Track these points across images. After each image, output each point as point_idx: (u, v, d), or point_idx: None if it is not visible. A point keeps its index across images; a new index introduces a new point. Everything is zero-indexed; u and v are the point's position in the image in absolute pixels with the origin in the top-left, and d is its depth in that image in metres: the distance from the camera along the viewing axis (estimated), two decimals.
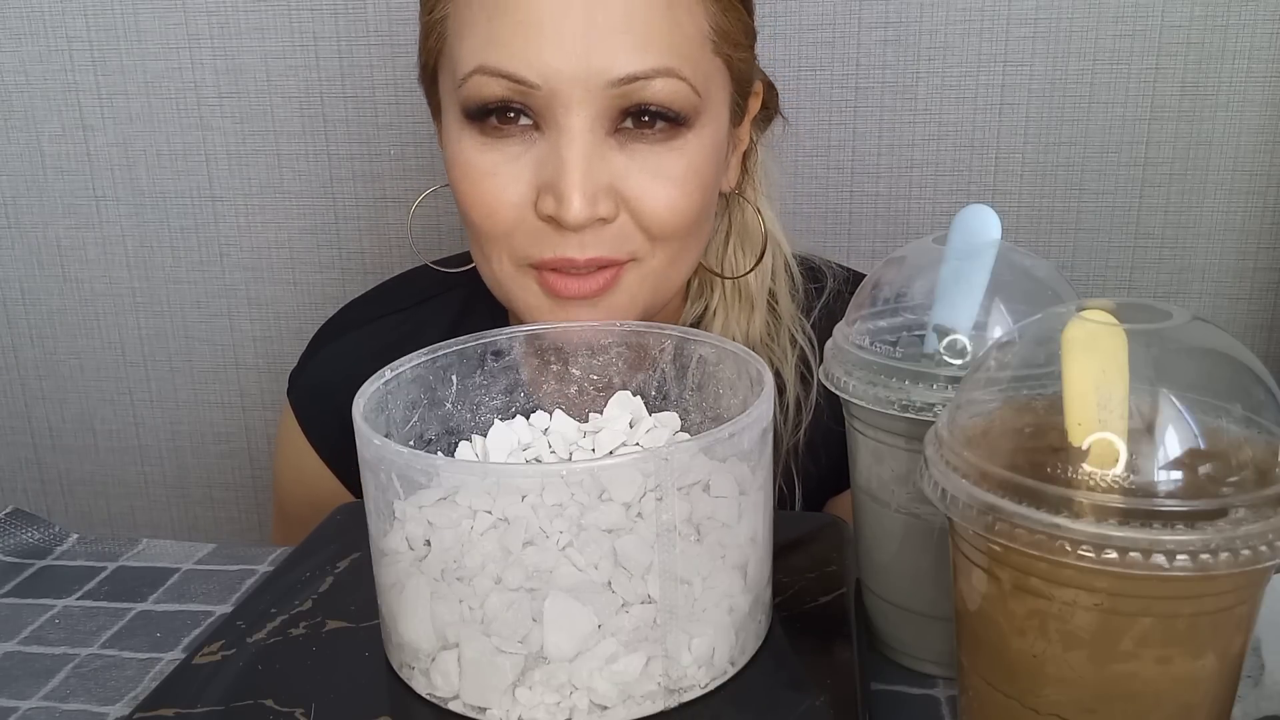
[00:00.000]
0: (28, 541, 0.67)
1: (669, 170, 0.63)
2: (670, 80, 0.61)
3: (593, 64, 0.60)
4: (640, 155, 0.63)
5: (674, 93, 0.62)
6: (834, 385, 0.49)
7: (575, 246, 0.62)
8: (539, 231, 0.63)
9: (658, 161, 0.63)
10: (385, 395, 0.50)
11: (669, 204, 0.63)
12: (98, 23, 1.16)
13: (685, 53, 0.62)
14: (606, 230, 0.63)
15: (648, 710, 0.43)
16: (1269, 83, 1.07)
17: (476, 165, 0.63)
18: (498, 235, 0.64)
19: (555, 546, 0.43)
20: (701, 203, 0.65)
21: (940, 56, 1.08)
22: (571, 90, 0.60)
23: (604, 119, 0.61)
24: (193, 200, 1.20)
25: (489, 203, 0.63)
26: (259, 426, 1.28)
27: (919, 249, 0.50)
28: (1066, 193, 1.11)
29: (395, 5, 1.12)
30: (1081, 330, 0.35)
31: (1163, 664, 0.35)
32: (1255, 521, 0.33)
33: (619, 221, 0.63)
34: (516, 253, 0.64)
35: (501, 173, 0.63)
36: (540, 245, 0.63)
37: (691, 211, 0.64)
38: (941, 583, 0.42)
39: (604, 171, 0.62)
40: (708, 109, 0.64)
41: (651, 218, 0.63)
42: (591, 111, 0.61)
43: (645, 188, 0.63)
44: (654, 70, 0.61)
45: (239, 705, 0.44)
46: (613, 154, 0.62)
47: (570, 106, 0.60)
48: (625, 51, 0.60)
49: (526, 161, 0.62)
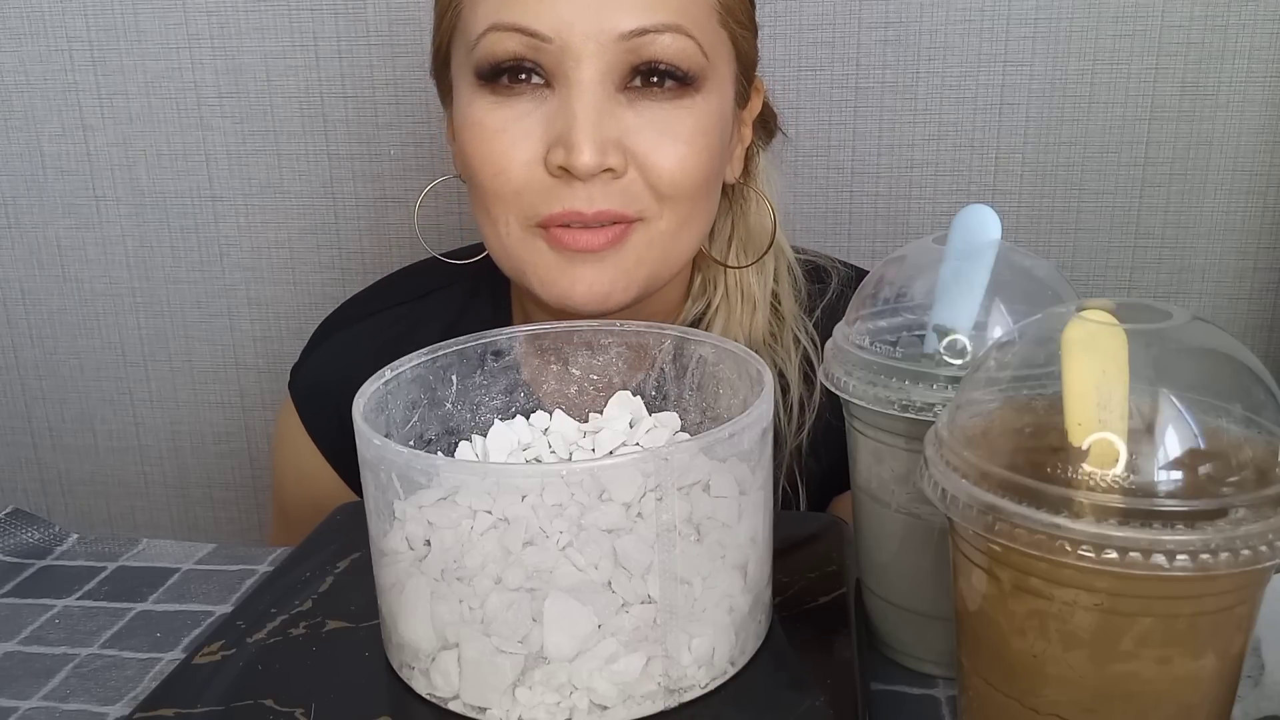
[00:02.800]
0: (28, 541, 0.67)
1: (677, 128, 0.64)
2: (679, 37, 0.63)
3: (603, 18, 0.61)
4: (649, 113, 0.64)
5: (682, 50, 0.63)
6: (834, 385, 0.49)
7: (584, 199, 0.63)
8: (548, 187, 0.63)
9: (666, 119, 0.64)
10: (385, 395, 0.50)
11: (678, 161, 0.64)
12: (98, 23, 1.16)
13: (692, 15, 0.64)
14: (615, 185, 0.63)
15: (648, 710, 0.43)
16: (1269, 83, 1.07)
17: (487, 124, 0.64)
18: (506, 195, 0.64)
19: (555, 546, 0.43)
20: (709, 165, 0.66)
21: (940, 56, 1.08)
22: (583, 44, 0.61)
23: (614, 74, 0.63)
24: (193, 200, 1.20)
25: (498, 160, 0.64)
26: (259, 426, 1.28)
27: (919, 249, 0.50)
28: (1066, 193, 1.11)
29: (395, 5, 1.12)
30: (1081, 330, 0.35)
31: (1163, 664, 0.35)
32: (1255, 521, 0.33)
33: (627, 178, 0.64)
34: (525, 213, 0.65)
35: (512, 129, 0.64)
36: (549, 200, 0.64)
37: (699, 171, 0.65)
38: (941, 583, 0.42)
39: (613, 126, 0.63)
40: (714, 75, 0.66)
41: (660, 174, 0.64)
42: (601, 65, 0.62)
43: (654, 144, 0.64)
44: (663, 25, 0.62)
45: (239, 705, 0.44)
46: (622, 110, 0.63)
47: (581, 60, 0.61)
48: (635, 7, 0.62)
49: (537, 118, 0.63)
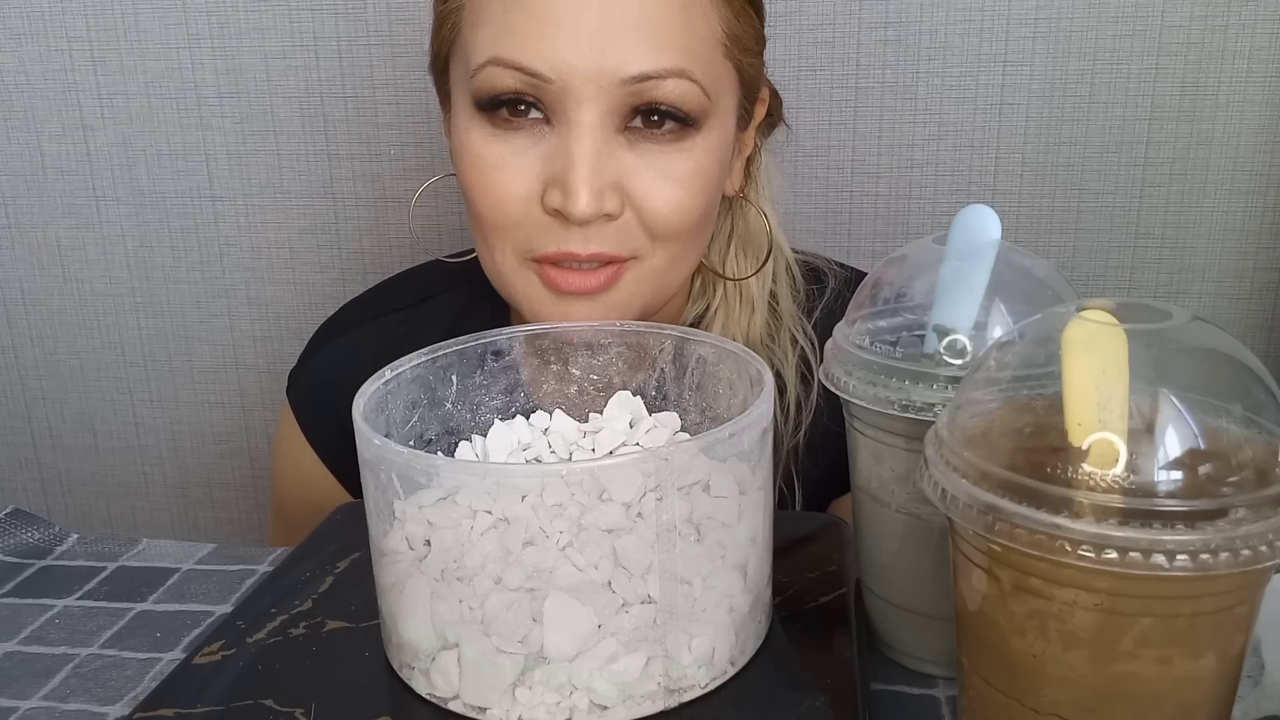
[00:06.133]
0: (28, 541, 0.67)
1: (676, 171, 0.63)
2: (682, 81, 0.62)
3: (606, 61, 0.60)
4: (648, 155, 0.63)
5: (685, 94, 0.62)
6: (834, 385, 0.49)
7: (579, 241, 0.62)
8: (544, 225, 0.63)
9: (665, 162, 0.63)
10: (385, 395, 0.50)
11: (674, 205, 0.63)
12: (98, 23, 1.15)
13: (697, 54, 0.62)
14: (610, 227, 0.63)
15: (648, 710, 0.43)
16: (1269, 83, 1.07)
17: (485, 157, 0.63)
18: (502, 228, 0.64)
19: (555, 546, 0.43)
20: (705, 205, 0.66)
21: (940, 56, 1.08)
22: (584, 86, 0.60)
23: (614, 116, 0.62)
24: (193, 200, 1.20)
25: (496, 195, 0.63)
26: (259, 426, 1.28)
27: (919, 249, 0.50)
28: (1066, 193, 1.11)
29: (395, 5, 1.12)
30: (1081, 330, 0.35)
31: (1163, 664, 0.35)
32: (1255, 521, 0.33)
33: (623, 219, 0.63)
34: (520, 246, 0.64)
35: (509, 165, 0.63)
36: (544, 239, 0.63)
37: (695, 213, 0.65)
38: (941, 583, 0.42)
39: (611, 168, 0.62)
40: (716, 112, 0.65)
41: (655, 217, 0.63)
42: (602, 107, 0.61)
43: (651, 187, 0.63)
44: (667, 70, 0.61)
45: (239, 705, 0.44)
46: (621, 151, 0.62)
47: (581, 101, 0.61)
48: (639, 50, 0.60)
49: (535, 155, 0.63)
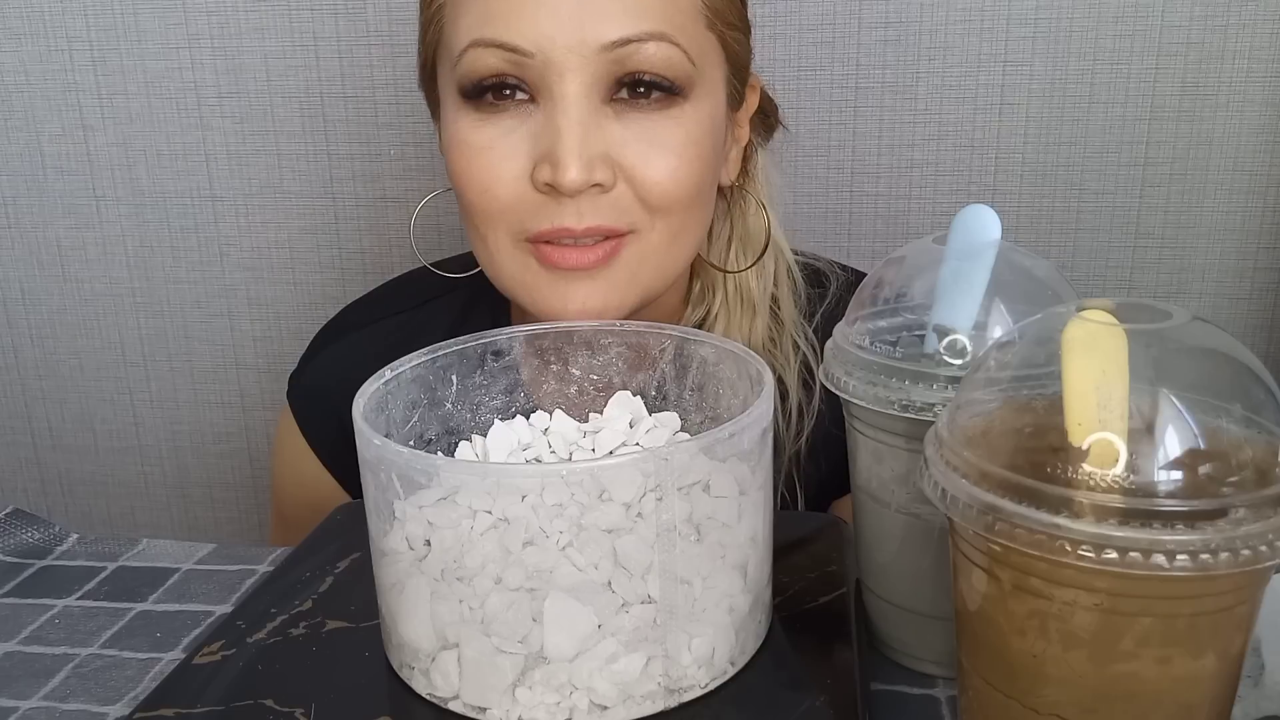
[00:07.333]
0: (28, 541, 0.67)
1: (666, 139, 0.63)
2: (663, 45, 0.61)
3: (586, 29, 0.60)
4: (636, 124, 0.62)
5: (667, 59, 0.62)
6: (834, 385, 0.49)
7: (573, 215, 0.62)
8: (536, 204, 0.62)
9: (654, 130, 0.63)
10: (385, 395, 0.50)
11: (668, 172, 0.63)
12: (98, 23, 1.16)
13: (678, 23, 0.62)
14: (604, 199, 0.62)
15: (648, 710, 0.43)
16: (1269, 83, 1.07)
17: (472, 142, 0.63)
18: (494, 213, 0.64)
19: (555, 546, 0.43)
20: (700, 175, 0.65)
21: (940, 56, 1.08)
22: (566, 57, 0.60)
23: (599, 86, 0.61)
24: (193, 200, 1.20)
25: (485, 178, 0.63)
26: (259, 426, 1.28)
27: (919, 249, 0.50)
28: (1066, 193, 1.11)
29: (395, 5, 1.12)
30: (1081, 330, 0.35)
31: (1163, 664, 0.35)
32: (1255, 521, 0.33)
33: (617, 191, 0.62)
34: (514, 228, 0.64)
35: (498, 147, 0.63)
36: (538, 217, 0.63)
37: (690, 181, 0.64)
38: (941, 583, 0.42)
39: (600, 140, 0.62)
40: (703, 82, 0.64)
41: (650, 187, 0.63)
42: (586, 78, 0.61)
43: (643, 156, 0.62)
44: (646, 34, 0.61)
45: (239, 705, 0.44)
46: (609, 123, 0.62)
47: (564, 74, 0.60)
48: (618, 17, 0.60)
49: (522, 134, 0.62)
